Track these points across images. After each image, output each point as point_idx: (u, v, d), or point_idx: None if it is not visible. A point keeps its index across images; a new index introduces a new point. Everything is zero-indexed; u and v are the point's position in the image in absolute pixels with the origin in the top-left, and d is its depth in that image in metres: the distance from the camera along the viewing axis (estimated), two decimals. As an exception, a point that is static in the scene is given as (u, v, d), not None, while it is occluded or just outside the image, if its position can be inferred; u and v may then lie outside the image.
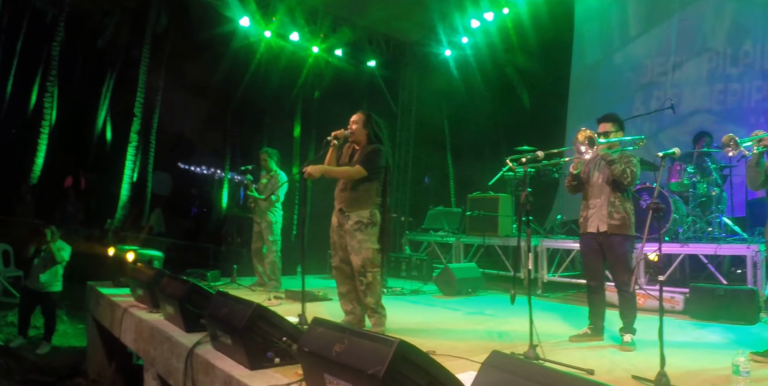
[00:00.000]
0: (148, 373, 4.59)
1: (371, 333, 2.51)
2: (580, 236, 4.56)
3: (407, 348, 2.32)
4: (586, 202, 4.49)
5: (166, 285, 4.70)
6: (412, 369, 2.34)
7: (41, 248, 7.38)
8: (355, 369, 2.36)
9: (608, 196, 4.32)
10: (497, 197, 8.53)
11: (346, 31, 11.88)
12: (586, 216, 4.45)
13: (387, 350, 2.28)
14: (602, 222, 4.31)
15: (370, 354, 2.33)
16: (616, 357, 3.93)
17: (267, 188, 7.00)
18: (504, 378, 2.09)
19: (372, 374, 2.25)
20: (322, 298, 6.26)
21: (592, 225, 4.38)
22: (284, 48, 12.28)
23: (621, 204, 4.29)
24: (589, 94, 10.51)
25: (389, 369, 2.24)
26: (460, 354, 3.80)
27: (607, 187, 4.34)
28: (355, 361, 2.38)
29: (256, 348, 3.31)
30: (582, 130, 4.10)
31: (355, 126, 4.54)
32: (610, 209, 4.29)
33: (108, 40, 18.64)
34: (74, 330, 8.22)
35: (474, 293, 7.20)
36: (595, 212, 4.37)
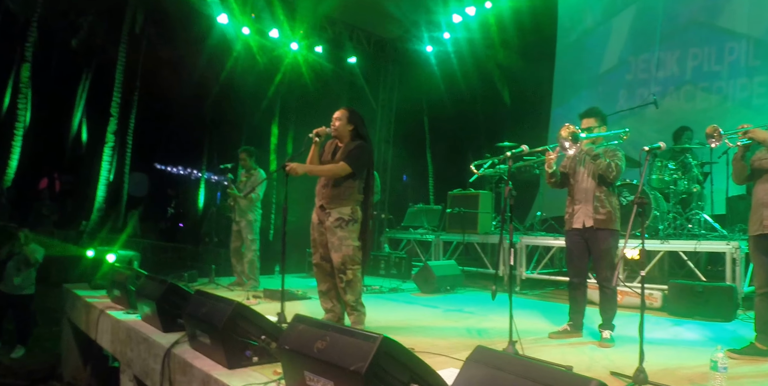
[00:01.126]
0: (125, 375, 4.53)
1: (354, 329, 2.49)
2: (565, 232, 4.55)
3: (390, 345, 2.32)
4: (571, 198, 4.48)
5: (143, 286, 4.64)
6: (395, 366, 2.34)
7: (15, 251, 7.23)
8: (337, 365, 2.35)
9: (594, 191, 4.31)
10: (477, 194, 8.53)
11: (326, 27, 11.83)
12: (572, 212, 4.44)
13: (370, 346, 2.28)
14: (588, 218, 4.31)
15: (353, 351, 2.33)
16: (595, 354, 3.95)
17: (247, 187, 6.95)
18: (488, 372, 2.10)
19: (354, 370, 2.25)
20: (301, 297, 6.23)
21: (577, 221, 4.38)
22: (263, 45, 12.19)
23: (607, 199, 4.29)
24: (572, 91, 10.54)
25: (372, 365, 2.24)
26: (440, 351, 3.81)
27: (592, 182, 4.33)
28: (337, 358, 2.37)
29: (234, 347, 3.28)
30: (565, 126, 4.09)
31: (339, 123, 4.50)
32: (596, 204, 4.28)
33: (83, 40, 18.36)
34: (49, 332, 8.07)
35: (453, 290, 7.21)
36: (581, 207, 4.36)
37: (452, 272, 7.28)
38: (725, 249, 5.71)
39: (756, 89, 8.20)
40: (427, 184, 19.31)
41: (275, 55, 13.25)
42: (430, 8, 11.30)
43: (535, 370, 2.00)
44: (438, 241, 8.82)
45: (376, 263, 8.58)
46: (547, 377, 1.95)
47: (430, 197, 18.05)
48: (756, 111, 7.97)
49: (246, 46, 12.10)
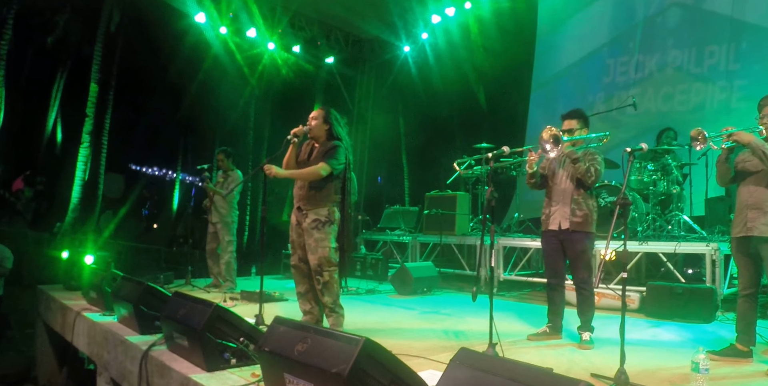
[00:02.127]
0: (102, 377, 4.47)
1: (336, 331, 2.48)
2: (541, 233, 4.57)
3: (372, 347, 2.31)
4: (548, 199, 4.50)
5: (120, 288, 4.57)
6: (377, 368, 2.33)
7: None
8: (318, 368, 2.33)
9: (571, 193, 4.34)
10: (455, 196, 8.55)
11: (303, 27, 11.79)
12: (549, 214, 4.46)
13: (352, 348, 2.27)
14: (564, 219, 4.33)
15: (335, 353, 2.31)
16: (574, 356, 3.97)
17: (224, 187, 6.90)
18: (473, 374, 2.09)
19: (336, 372, 2.23)
20: (279, 299, 6.20)
21: (554, 223, 4.40)
22: (240, 44, 12.11)
23: (584, 201, 4.32)
24: (551, 93, 10.60)
25: (354, 367, 2.22)
26: (418, 353, 3.81)
27: (570, 184, 4.36)
28: (319, 360, 2.35)
29: (213, 349, 3.25)
30: (547, 128, 4.10)
31: (315, 122, 4.48)
32: (573, 207, 4.31)
33: (59, 39, 18.05)
34: (22, 335, 7.92)
35: (430, 292, 7.22)
36: (558, 209, 4.39)
37: (429, 274, 7.29)
38: (705, 251, 5.75)
39: (735, 93, 8.30)
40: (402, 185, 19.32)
41: (252, 55, 13.17)
42: (408, 8, 11.30)
43: (521, 372, 2.00)
44: (415, 242, 8.83)
45: (352, 264, 8.56)
46: (533, 379, 1.94)
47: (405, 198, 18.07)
48: (735, 114, 8.04)
49: (223, 45, 12.02)
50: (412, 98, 14.73)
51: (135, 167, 27.51)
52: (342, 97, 13.67)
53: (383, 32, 12.53)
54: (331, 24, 12.22)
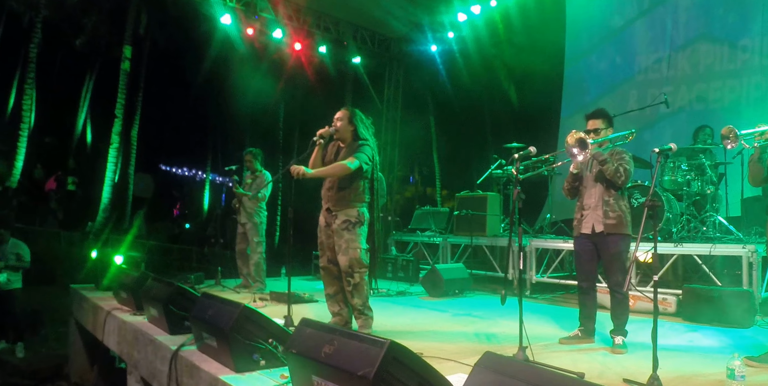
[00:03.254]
0: (132, 376, 4.51)
1: (361, 334, 2.45)
2: (574, 237, 4.48)
3: (398, 349, 2.29)
4: (580, 203, 4.41)
5: (150, 288, 4.61)
6: (403, 371, 2.30)
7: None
8: (345, 370, 2.32)
9: (602, 195, 4.25)
10: (485, 196, 8.46)
11: (329, 27, 11.80)
12: (581, 218, 4.37)
13: (378, 351, 2.25)
14: (598, 222, 4.23)
15: (361, 356, 2.30)
16: (607, 360, 3.87)
17: (252, 188, 6.92)
18: (496, 379, 2.06)
19: (362, 375, 2.22)
20: (308, 300, 6.17)
21: (586, 226, 4.30)
22: (267, 46, 12.16)
23: (616, 203, 4.22)
24: (583, 91, 10.43)
25: (380, 370, 2.21)
26: (449, 356, 3.75)
27: (600, 186, 4.26)
28: (345, 363, 2.35)
29: (242, 350, 3.24)
30: (572, 133, 4.03)
31: (340, 123, 4.46)
32: (606, 209, 4.21)
33: (87, 41, 18.36)
34: (56, 333, 8.08)
35: (461, 294, 7.14)
36: (590, 212, 4.29)
37: (460, 276, 7.21)
38: (741, 253, 5.56)
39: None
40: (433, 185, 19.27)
41: (279, 56, 13.23)
42: (434, 7, 11.25)
43: (546, 377, 1.95)
44: (446, 244, 8.75)
45: (383, 266, 8.51)
46: (558, 384, 1.90)
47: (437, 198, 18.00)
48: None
49: (250, 46, 12.09)
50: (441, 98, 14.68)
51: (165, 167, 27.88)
52: (370, 97, 13.66)
53: (410, 31, 12.48)
54: (357, 24, 12.21)
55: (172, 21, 17.42)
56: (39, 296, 9.33)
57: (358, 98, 15.23)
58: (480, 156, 15.25)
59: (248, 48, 12.14)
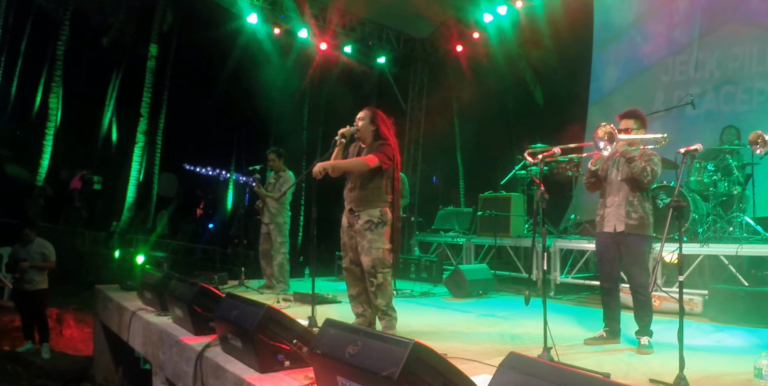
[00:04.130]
0: (157, 377, 4.54)
1: (385, 334, 2.46)
2: (596, 235, 4.45)
3: (422, 350, 2.30)
4: (603, 200, 4.37)
5: (175, 288, 4.64)
6: (427, 371, 2.31)
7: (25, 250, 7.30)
8: (369, 371, 2.33)
9: (626, 195, 4.20)
10: (509, 197, 8.42)
11: (355, 27, 11.82)
12: (603, 215, 4.33)
13: (402, 351, 2.26)
14: (619, 222, 4.19)
15: (385, 356, 2.31)
16: (632, 360, 3.84)
17: (275, 188, 6.93)
18: (522, 379, 2.05)
19: (386, 376, 2.23)
20: (332, 300, 6.18)
21: (608, 225, 4.26)
22: (292, 45, 12.22)
23: (639, 204, 4.17)
24: (609, 92, 10.27)
25: (404, 370, 2.21)
26: (473, 356, 3.73)
27: (625, 185, 4.21)
28: (369, 363, 2.35)
29: (266, 351, 3.26)
30: (602, 125, 3.97)
31: (361, 123, 4.45)
32: (628, 209, 4.17)
33: (113, 40, 18.56)
34: (81, 334, 8.18)
35: (485, 295, 7.09)
36: (613, 211, 4.25)
37: (484, 277, 7.17)
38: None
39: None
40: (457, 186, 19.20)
41: (304, 56, 13.28)
42: (460, 7, 11.21)
43: (572, 377, 1.93)
44: (469, 244, 8.71)
45: (406, 266, 8.50)
46: (584, 385, 1.89)
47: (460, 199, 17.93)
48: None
49: (275, 46, 12.16)
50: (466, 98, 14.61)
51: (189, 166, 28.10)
52: (394, 97, 13.66)
53: (436, 31, 12.46)
54: (382, 24, 12.21)
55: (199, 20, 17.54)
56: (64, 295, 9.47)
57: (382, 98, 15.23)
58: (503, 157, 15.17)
59: (274, 47, 12.20)
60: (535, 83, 14.33)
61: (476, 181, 17.04)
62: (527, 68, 14.04)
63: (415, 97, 13.60)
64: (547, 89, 13.83)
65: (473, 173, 18.39)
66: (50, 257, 7.31)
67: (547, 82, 13.72)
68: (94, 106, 19.10)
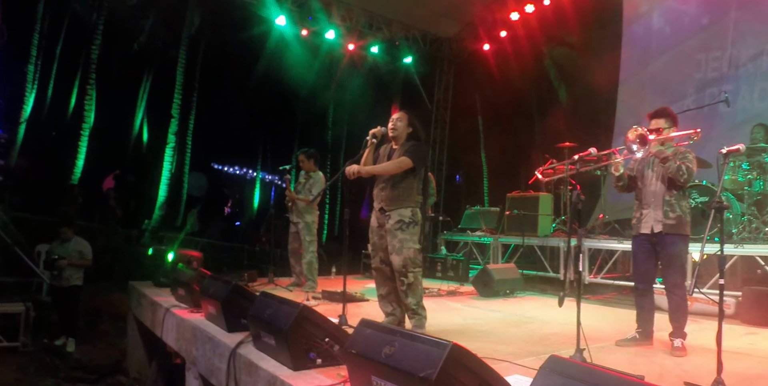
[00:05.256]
0: (190, 373, 4.62)
1: (423, 335, 2.46)
2: (632, 237, 4.40)
3: (460, 352, 2.29)
4: (639, 202, 4.33)
5: (208, 285, 4.71)
6: (464, 373, 2.31)
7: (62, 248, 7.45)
8: (406, 371, 2.33)
9: (663, 195, 4.16)
10: (537, 196, 8.38)
11: (381, 27, 11.85)
12: (640, 217, 4.29)
13: (440, 353, 2.25)
14: (657, 222, 4.15)
15: (422, 357, 2.30)
16: (666, 363, 3.80)
17: (305, 188, 6.99)
18: (563, 382, 2.02)
19: (424, 377, 2.23)
20: (360, 299, 6.20)
21: (645, 226, 4.22)
22: (319, 46, 12.30)
23: (677, 203, 4.13)
24: (638, 91, 10.13)
25: (442, 372, 2.21)
26: (503, 357, 3.72)
27: (661, 186, 4.17)
28: (406, 364, 2.35)
29: (299, 349, 3.29)
30: (633, 128, 3.95)
31: (399, 123, 4.48)
32: (666, 209, 4.13)
33: (145, 43, 18.96)
34: (115, 328, 8.34)
35: (512, 294, 7.07)
36: (649, 212, 4.21)
37: (512, 276, 7.15)
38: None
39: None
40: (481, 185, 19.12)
41: (331, 56, 13.36)
42: (486, 6, 11.17)
43: (613, 381, 1.91)
44: (496, 243, 8.69)
45: (432, 265, 8.51)
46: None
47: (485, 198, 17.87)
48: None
49: (303, 47, 12.24)
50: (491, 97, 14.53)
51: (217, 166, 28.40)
52: (420, 97, 13.67)
53: (462, 30, 12.43)
54: (408, 24, 12.22)
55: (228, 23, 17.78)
56: (98, 291, 9.70)
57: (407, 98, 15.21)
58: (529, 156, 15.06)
59: (301, 49, 12.29)
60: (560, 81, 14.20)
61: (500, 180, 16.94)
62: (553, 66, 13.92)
63: (440, 96, 13.58)
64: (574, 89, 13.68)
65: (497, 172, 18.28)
66: (87, 256, 7.48)
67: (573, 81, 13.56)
68: (126, 107, 19.51)
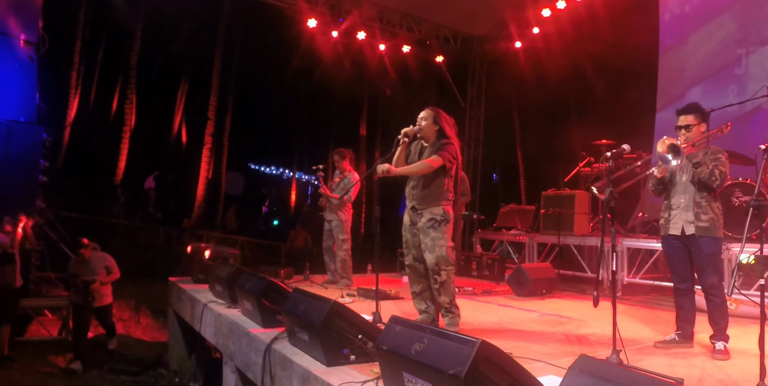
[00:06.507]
0: (227, 366, 4.72)
1: (452, 332, 2.46)
2: (661, 238, 4.29)
3: (489, 349, 2.28)
4: (668, 202, 4.20)
5: (244, 282, 4.79)
6: (494, 371, 2.29)
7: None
8: (436, 368, 2.33)
9: (693, 196, 4.03)
10: (573, 194, 8.26)
11: (412, 27, 11.86)
12: (668, 217, 4.17)
13: (469, 350, 2.25)
14: (688, 225, 4.03)
15: (451, 354, 2.30)
16: (707, 366, 3.68)
17: (339, 187, 7.04)
18: (593, 383, 2.00)
19: (453, 374, 2.22)
20: (394, 297, 6.22)
21: (674, 227, 4.11)
22: (351, 47, 12.38)
23: (708, 205, 4.00)
24: (678, 86, 9.88)
25: (471, 369, 2.20)
26: (538, 356, 3.69)
27: (692, 186, 4.05)
28: (436, 361, 2.35)
29: (332, 345, 3.32)
30: (662, 140, 3.81)
31: (425, 122, 4.47)
32: (697, 211, 4.00)
33: (181, 48, 19.51)
34: (156, 323, 8.57)
35: (548, 294, 6.99)
36: (679, 213, 4.09)
37: (547, 275, 7.05)
38: None
39: None
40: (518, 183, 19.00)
41: (363, 57, 13.44)
42: (518, 3, 11.07)
43: (645, 383, 1.88)
44: (532, 242, 8.60)
45: (467, 264, 8.48)
46: None
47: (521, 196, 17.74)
48: None
49: (334, 48, 12.33)
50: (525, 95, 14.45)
51: (254, 166, 28.84)
52: (453, 96, 13.64)
53: (494, 28, 12.35)
54: (439, 23, 12.21)
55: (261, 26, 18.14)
56: (140, 288, 9.98)
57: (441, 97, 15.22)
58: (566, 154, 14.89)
59: (333, 50, 12.39)
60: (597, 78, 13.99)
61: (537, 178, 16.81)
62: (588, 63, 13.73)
63: (474, 95, 13.52)
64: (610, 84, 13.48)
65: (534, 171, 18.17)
66: (113, 269, 7.22)
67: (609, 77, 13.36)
68: (165, 110, 20.10)
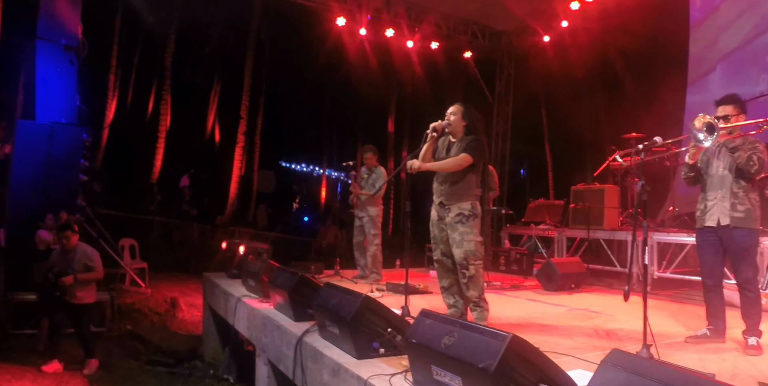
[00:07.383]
0: (260, 359, 4.82)
1: (482, 326, 2.48)
2: (696, 230, 4.25)
3: (519, 343, 2.30)
4: (704, 194, 4.17)
5: (276, 277, 4.88)
6: (523, 365, 2.32)
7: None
8: (465, 362, 2.35)
9: (731, 186, 3.99)
10: (603, 188, 8.20)
11: (440, 24, 11.85)
12: (704, 209, 4.13)
13: (499, 344, 2.27)
14: (724, 215, 3.99)
15: (481, 348, 2.32)
16: (739, 361, 3.66)
17: (368, 183, 7.11)
18: (625, 377, 1.99)
19: (483, 368, 2.25)
20: (423, 291, 6.26)
21: (711, 219, 4.07)
22: (379, 44, 12.42)
23: (745, 195, 3.96)
24: (709, 77, 9.71)
25: (501, 363, 2.22)
26: (566, 351, 3.70)
27: (729, 176, 4.01)
28: (465, 354, 2.38)
29: (362, 338, 3.38)
30: (700, 116, 3.80)
31: (453, 118, 4.49)
32: (734, 201, 3.96)
33: (214, 49, 19.89)
34: (192, 317, 8.78)
35: (577, 289, 6.96)
36: (716, 204, 4.06)
37: (576, 270, 7.02)
38: None
39: None
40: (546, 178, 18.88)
41: (391, 54, 13.48)
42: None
43: (678, 377, 1.87)
44: (561, 237, 8.57)
45: (496, 259, 8.48)
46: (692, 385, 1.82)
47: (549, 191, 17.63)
48: None
49: (362, 46, 12.39)
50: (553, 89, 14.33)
51: (285, 164, 29.13)
52: (481, 91, 13.60)
53: (521, 23, 12.27)
54: (467, 19, 12.18)
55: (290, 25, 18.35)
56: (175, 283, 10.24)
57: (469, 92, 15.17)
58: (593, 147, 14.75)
59: (361, 47, 12.45)
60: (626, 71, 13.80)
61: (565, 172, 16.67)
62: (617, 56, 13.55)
63: (502, 90, 13.47)
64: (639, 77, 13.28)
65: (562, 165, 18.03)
66: (96, 268, 6.25)
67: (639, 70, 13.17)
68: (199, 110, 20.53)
